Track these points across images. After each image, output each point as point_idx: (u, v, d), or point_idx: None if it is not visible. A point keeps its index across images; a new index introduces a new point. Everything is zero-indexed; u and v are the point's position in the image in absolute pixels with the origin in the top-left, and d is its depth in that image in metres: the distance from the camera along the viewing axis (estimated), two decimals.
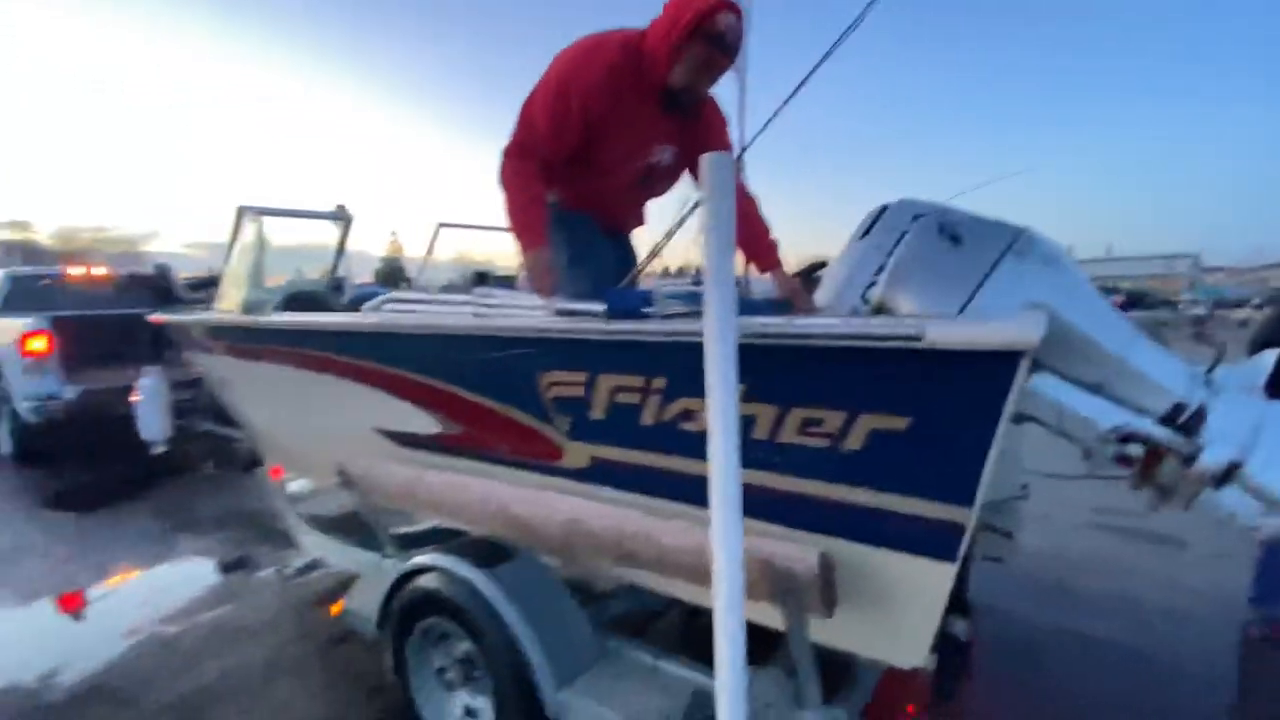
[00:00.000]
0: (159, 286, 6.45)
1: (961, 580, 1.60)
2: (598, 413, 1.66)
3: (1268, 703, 2.33)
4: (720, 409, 1.15)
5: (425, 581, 1.87)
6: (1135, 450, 1.44)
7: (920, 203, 2.08)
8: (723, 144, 2.15)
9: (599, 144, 2.01)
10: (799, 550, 1.32)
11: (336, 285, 3.77)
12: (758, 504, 1.37)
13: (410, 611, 1.92)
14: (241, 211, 3.06)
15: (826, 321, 1.34)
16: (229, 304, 2.96)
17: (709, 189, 1.18)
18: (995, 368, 1.10)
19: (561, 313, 1.71)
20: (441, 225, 4.02)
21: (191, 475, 5.41)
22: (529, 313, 1.78)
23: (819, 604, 1.32)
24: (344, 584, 3.18)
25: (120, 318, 6.62)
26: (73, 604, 3.18)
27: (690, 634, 1.92)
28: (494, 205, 2.07)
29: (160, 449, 3.83)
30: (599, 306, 1.61)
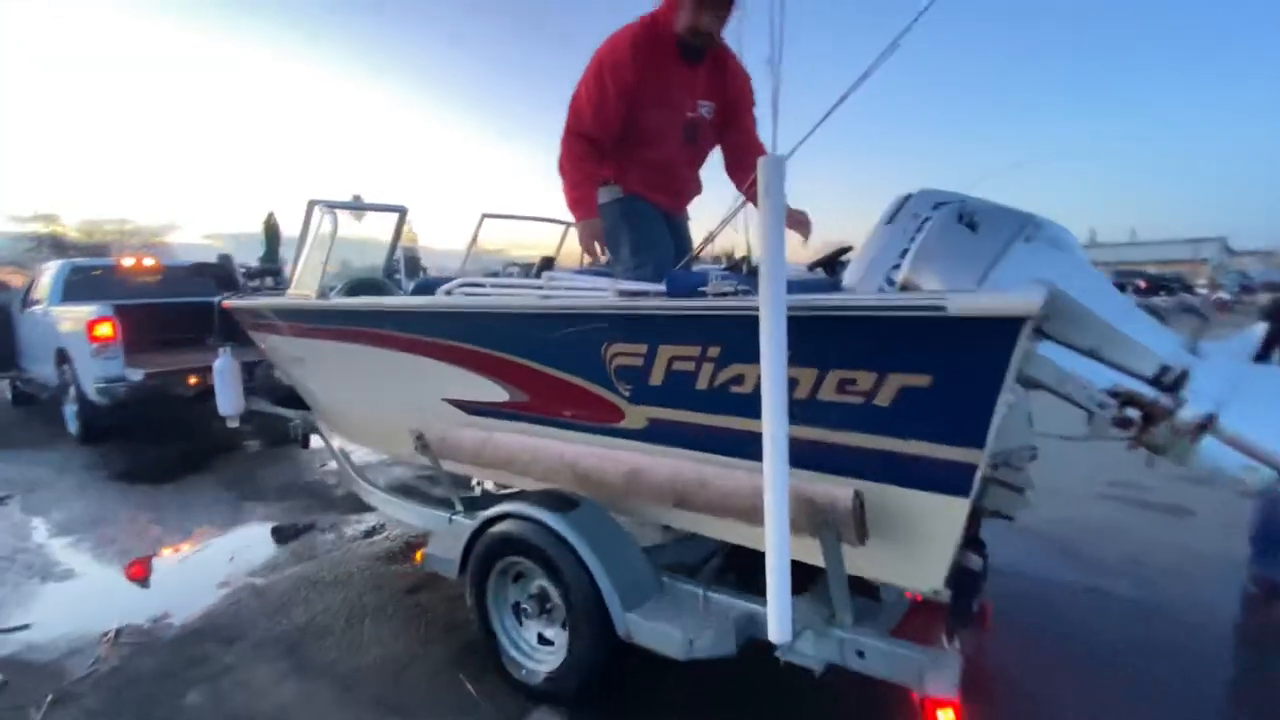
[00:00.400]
0: (223, 275, 6.81)
1: (974, 520, 1.83)
2: (656, 379, 1.93)
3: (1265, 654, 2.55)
4: (772, 372, 1.40)
5: (504, 527, 2.15)
6: (1133, 413, 1.66)
7: (941, 192, 2.31)
8: (747, 95, 2.47)
9: (642, 113, 2.31)
10: (837, 489, 1.57)
11: (391, 273, 4.06)
12: (800, 453, 1.63)
13: (490, 554, 2.21)
14: (311, 205, 3.34)
15: (865, 297, 1.59)
16: (304, 289, 3.25)
17: (763, 186, 1.42)
18: (1003, 331, 1.34)
19: (624, 293, 1.97)
20: (485, 215, 4.27)
21: (245, 452, 5.79)
22: (595, 294, 2.05)
23: (853, 535, 1.58)
24: (405, 544, 3.52)
25: (175, 305, 7.02)
26: (168, 560, 3.53)
27: (730, 573, 2.16)
28: (507, 195, 2.40)
29: (235, 423, 4.17)
30: (660, 287, 1.86)
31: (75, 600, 3.13)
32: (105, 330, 5.79)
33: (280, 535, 3.73)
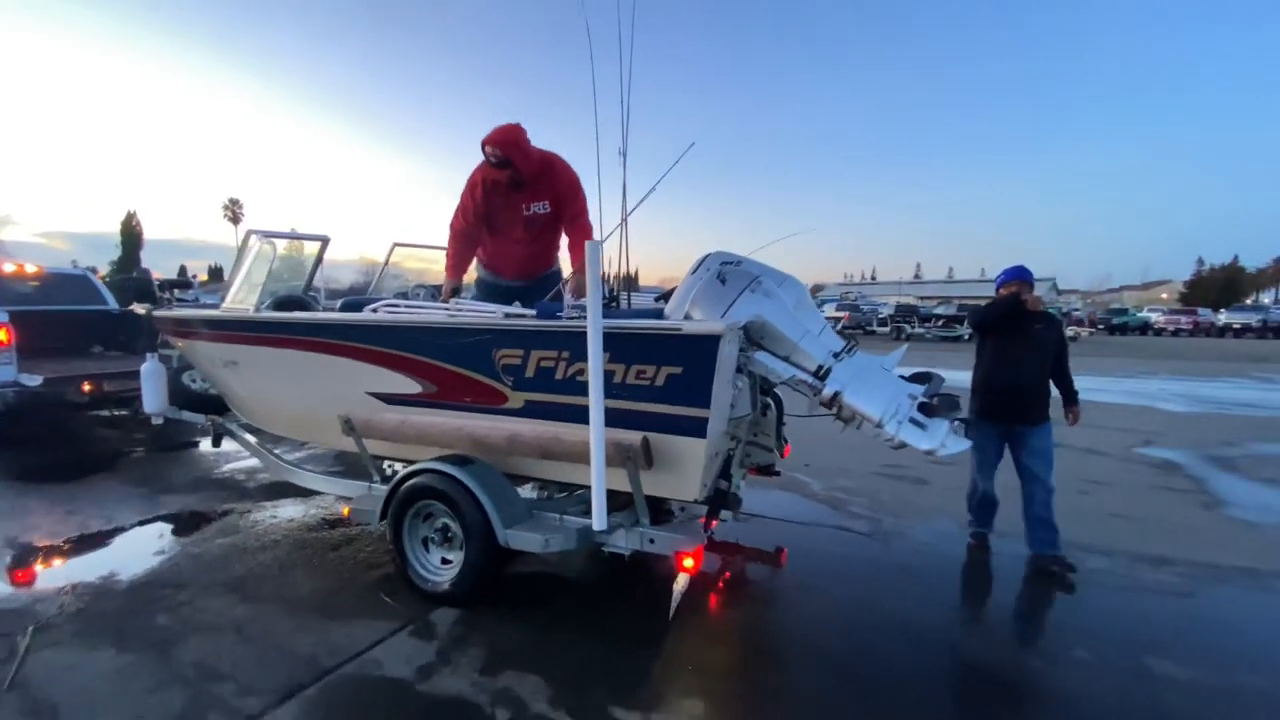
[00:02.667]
0: (142, 287, 7.00)
1: (727, 461, 2.95)
2: (530, 373, 2.91)
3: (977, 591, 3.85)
4: (594, 367, 2.42)
5: (420, 480, 3.03)
6: (828, 394, 2.82)
7: (727, 253, 3.48)
8: (568, 197, 3.70)
9: (492, 217, 3.70)
10: (633, 436, 2.62)
11: (309, 290, 4.73)
12: (616, 417, 2.67)
13: (407, 500, 3.07)
14: (249, 234, 4.04)
15: (647, 322, 2.67)
16: (243, 303, 3.93)
17: (588, 265, 2.45)
18: (708, 342, 2.46)
19: (509, 315, 2.95)
20: (396, 244, 5.06)
21: (141, 455, 6.07)
22: (490, 315, 3.01)
23: (644, 463, 2.63)
24: (322, 521, 4.19)
25: (63, 313, 7.08)
26: (97, 539, 3.98)
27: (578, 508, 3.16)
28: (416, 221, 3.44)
29: (159, 420, 4.62)
30: (532, 312, 2.87)
31: (19, 570, 3.56)
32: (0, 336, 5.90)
33: (201, 517, 4.28)
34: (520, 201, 3.67)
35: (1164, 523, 4.41)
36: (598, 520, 2.51)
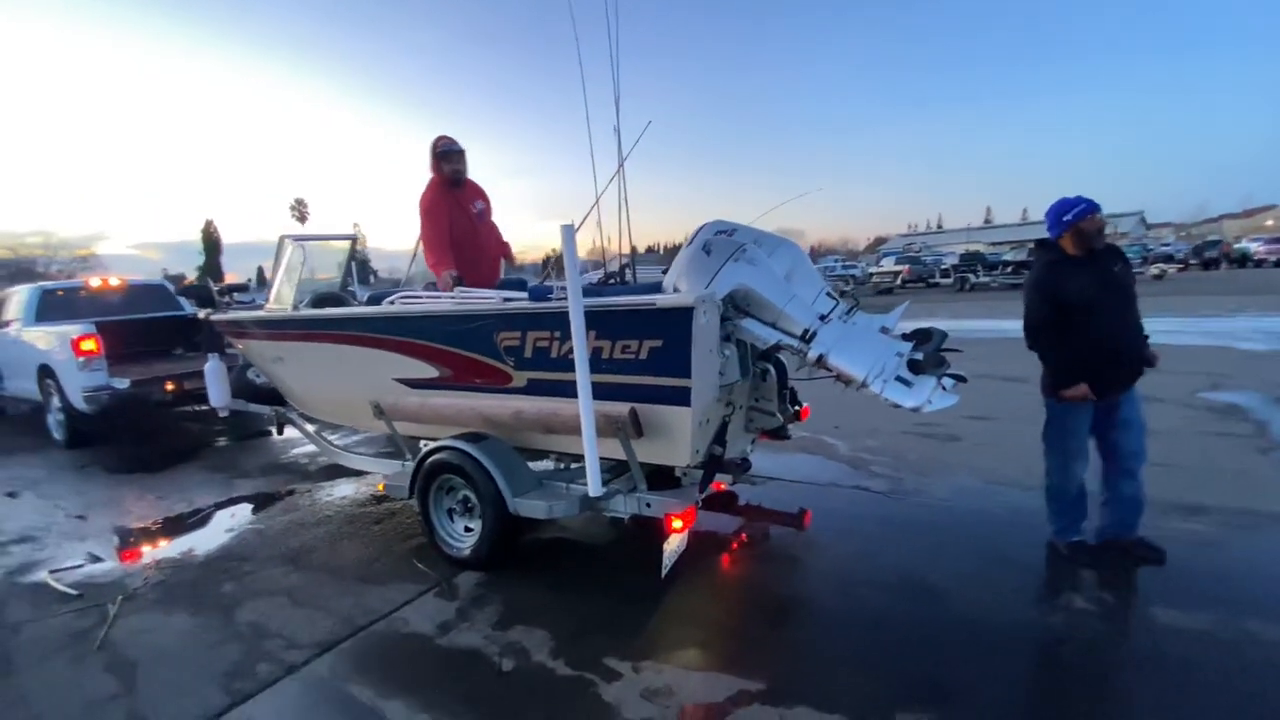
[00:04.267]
0: (204, 294, 7.64)
1: (722, 428, 3.05)
2: (529, 354, 3.08)
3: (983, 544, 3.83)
4: (578, 344, 2.57)
5: (440, 456, 3.29)
6: (813, 356, 2.87)
7: (723, 222, 3.52)
8: (485, 197, 4.27)
9: (455, 227, 4.00)
10: (621, 408, 2.76)
11: (346, 286, 5.09)
12: (605, 390, 2.81)
13: (430, 475, 3.35)
14: (283, 239, 4.37)
15: (626, 299, 2.78)
16: (282, 304, 4.28)
17: (564, 246, 2.58)
18: (683, 314, 2.55)
19: (507, 300, 3.13)
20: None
21: (220, 446, 6.70)
22: (490, 301, 3.19)
23: (634, 432, 2.77)
24: (371, 497, 4.57)
25: (145, 320, 7.82)
26: (179, 520, 4.51)
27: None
28: None
29: (225, 413, 5.13)
30: (524, 295, 3.03)
31: (113, 549, 4.10)
32: (90, 345, 6.61)
33: (268, 498, 4.75)
34: (465, 200, 4.06)
35: (1211, 470, 4.20)
36: (593, 487, 2.69)
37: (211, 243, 67.48)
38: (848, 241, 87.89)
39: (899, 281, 28.74)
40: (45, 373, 7.00)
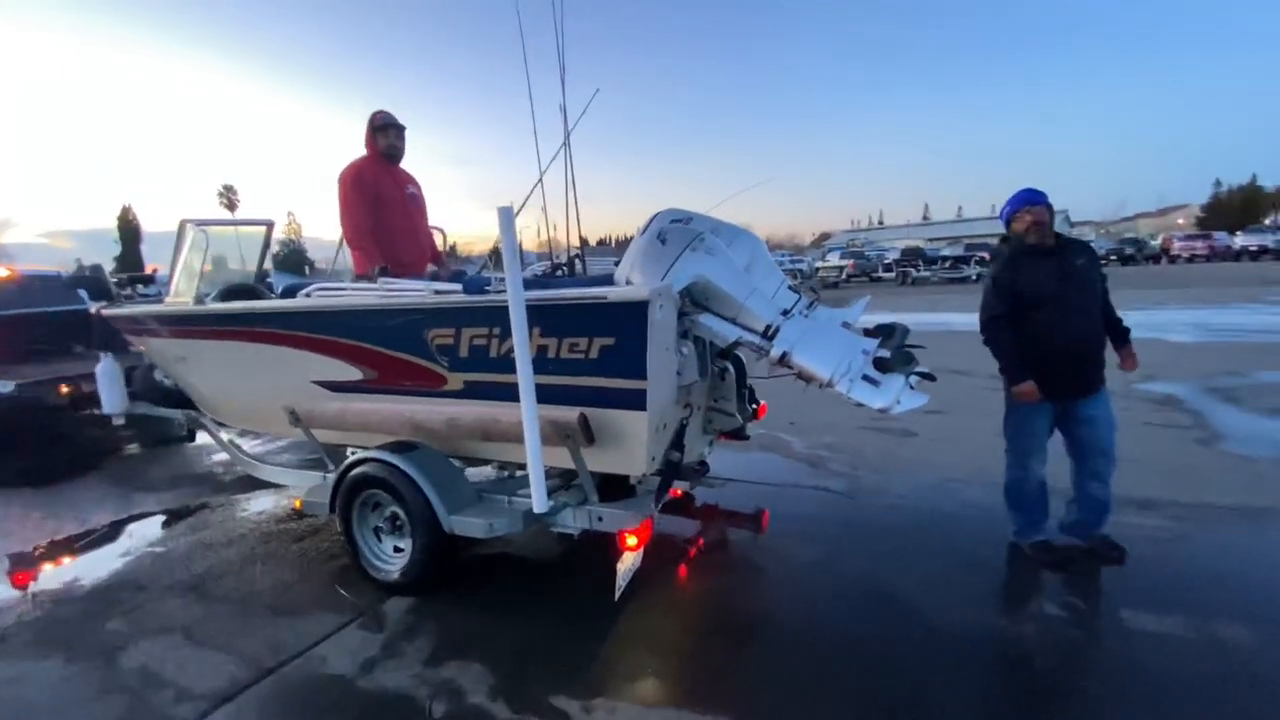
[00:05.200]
0: (97, 285, 6.89)
1: (680, 433, 2.80)
2: (464, 353, 2.76)
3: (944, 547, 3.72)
4: (519, 341, 2.27)
5: (363, 469, 2.92)
6: (776, 354, 2.66)
7: (677, 210, 3.28)
8: (419, 186, 3.89)
9: (383, 199, 3.58)
10: (570, 414, 2.48)
11: (263, 278, 4.59)
12: (551, 394, 2.53)
13: (353, 490, 2.98)
14: (184, 224, 3.87)
15: (571, 291, 2.49)
16: (182, 297, 3.79)
17: (502, 231, 2.27)
18: (638, 308, 2.29)
19: (439, 292, 2.79)
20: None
21: (128, 453, 6.05)
22: (419, 294, 2.85)
23: (583, 440, 2.50)
24: (290, 511, 4.15)
25: (39, 315, 7.00)
26: (68, 543, 3.96)
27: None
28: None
29: (120, 420, 4.56)
30: (459, 288, 2.70)
31: None
32: None
33: (174, 515, 4.25)
34: (400, 180, 3.71)
35: (1158, 463, 4.24)
36: (537, 501, 2.39)
37: (130, 230, 62.87)
38: (794, 236, 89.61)
39: (844, 276, 29.31)
40: None
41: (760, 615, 2.75)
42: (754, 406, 3.56)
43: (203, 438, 4.75)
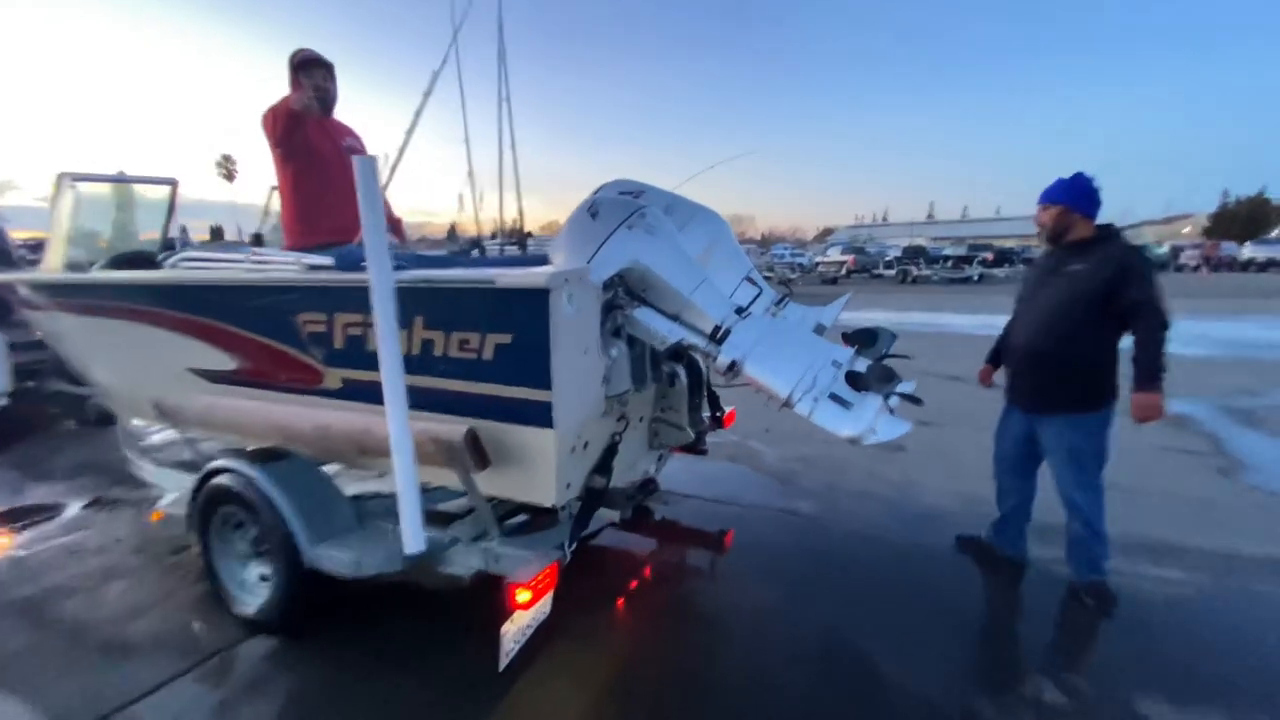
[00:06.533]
0: None
1: (609, 453, 2.27)
2: (339, 344, 2.22)
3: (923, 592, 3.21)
4: (383, 332, 1.73)
5: (219, 480, 2.39)
6: (723, 362, 2.12)
7: (630, 181, 2.73)
8: (359, 139, 3.16)
9: (311, 151, 2.90)
10: (456, 429, 1.95)
11: (169, 245, 4.03)
12: (438, 401, 2.00)
13: (209, 504, 2.45)
14: (60, 178, 3.30)
15: (456, 273, 1.94)
16: (55, 264, 3.24)
17: (361, 184, 1.72)
18: (537, 297, 1.75)
19: (312, 267, 2.24)
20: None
21: (47, 432, 5.51)
22: (288, 267, 2.30)
23: (473, 463, 1.97)
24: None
25: None
26: None
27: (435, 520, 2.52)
28: None
29: (3, 402, 4.03)
30: (329, 261, 2.15)
31: None
32: None
33: (56, 510, 3.72)
34: (335, 131, 3.02)
35: (1174, 497, 3.73)
36: (409, 540, 1.86)
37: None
38: (797, 230, 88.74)
39: (844, 271, 28.67)
40: None
41: (697, 679, 2.23)
42: (718, 414, 3.04)
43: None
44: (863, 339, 2.30)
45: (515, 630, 1.93)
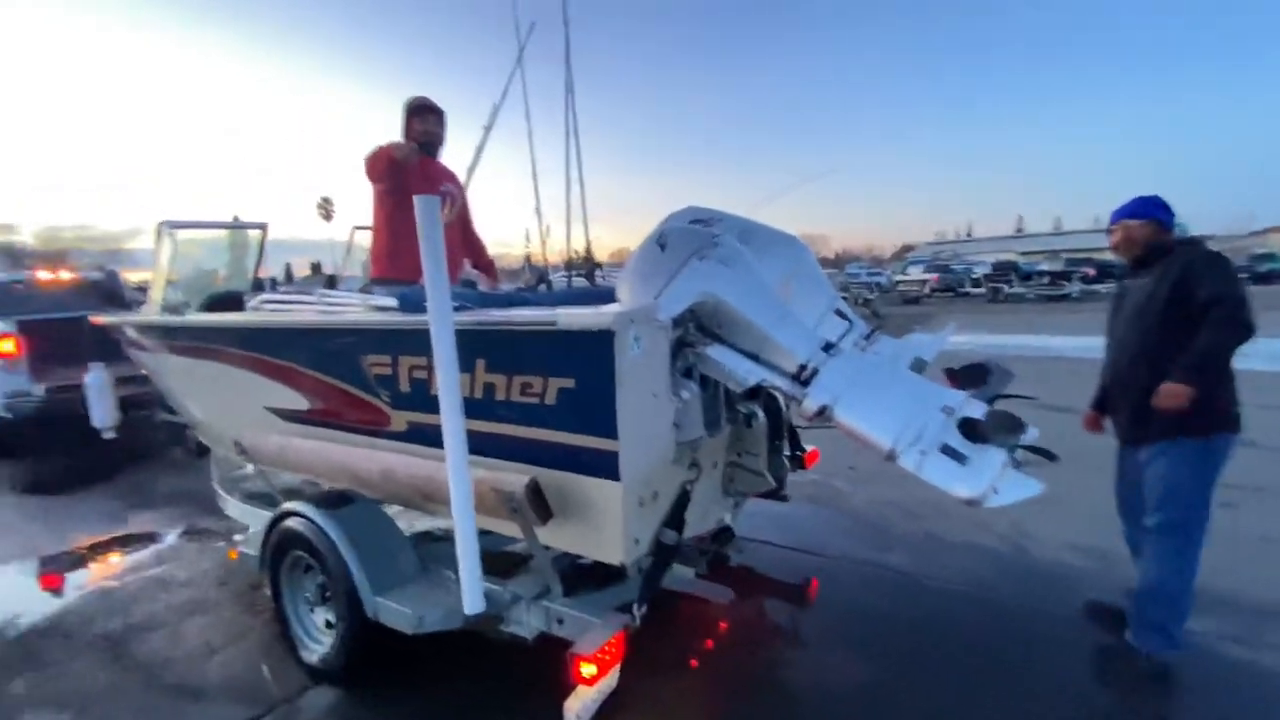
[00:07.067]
0: (107, 289, 6.91)
1: (680, 504, 2.07)
2: (404, 387, 2.15)
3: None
4: (444, 377, 1.62)
5: (289, 523, 2.37)
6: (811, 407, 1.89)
7: (702, 209, 2.58)
8: (459, 184, 3.30)
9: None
10: (516, 479, 1.81)
11: (259, 286, 4.22)
12: (500, 448, 1.88)
13: (280, 548, 2.43)
14: (160, 226, 3.51)
15: (517, 314, 1.82)
16: (154, 306, 3.42)
17: (422, 226, 1.64)
18: (600, 340, 1.59)
19: (374, 308, 2.20)
20: (356, 228, 4.43)
21: (153, 461, 5.89)
22: (353, 307, 2.27)
23: (535, 516, 1.82)
24: None
25: (80, 319, 7.07)
26: (34, 566, 3.68)
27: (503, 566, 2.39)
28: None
29: (110, 434, 4.31)
30: (393, 302, 2.10)
31: None
32: (7, 346, 5.86)
33: (149, 540, 3.90)
34: (434, 174, 3.05)
35: (1234, 536, 3.13)
36: (468, 600, 1.73)
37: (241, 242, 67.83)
38: (873, 249, 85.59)
39: (927, 290, 27.24)
40: None
41: None
42: (799, 454, 2.78)
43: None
44: (972, 377, 2.00)
45: (580, 706, 1.74)
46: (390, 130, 3.10)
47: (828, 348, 1.94)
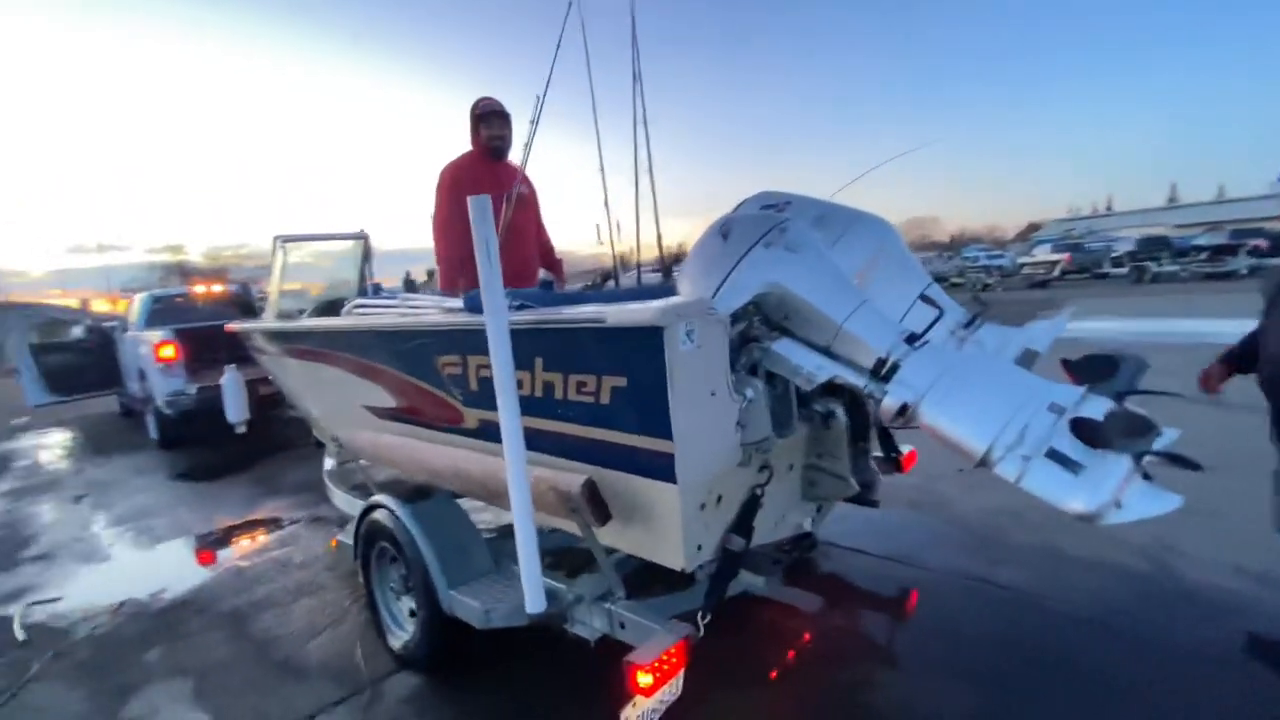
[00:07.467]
0: (243, 301, 7.72)
1: (749, 509, 1.95)
2: (474, 385, 2.18)
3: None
4: (500, 376, 1.61)
5: (375, 515, 2.49)
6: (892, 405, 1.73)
7: (775, 193, 2.44)
8: (529, 183, 3.24)
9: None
10: (574, 478, 1.77)
11: (363, 292, 4.52)
12: (559, 446, 1.86)
13: (369, 538, 2.56)
14: (275, 240, 3.84)
15: (569, 311, 1.77)
16: (270, 314, 3.75)
17: (476, 226, 1.63)
18: (649, 337, 1.51)
19: (445, 310, 2.25)
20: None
21: (284, 453, 6.52)
22: (426, 310, 2.34)
23: (592, 516, 1.77)
24: None
25: (221, 327, 7.98)
26: (184, 546, 4.17)
27: (577, 563, 2.37)
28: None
29: (242, 429, 4.81)
30: (459, 303, 2.13)
31: (103, 579, 3.78)
32: (168, 351, 6.73)
33: (276, 525, 4.30)
34: (502, 178, 3.03)
35: None
36: (530, 599, 1.71)
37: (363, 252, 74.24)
38: (994, 229, 78.65)
39: (1058, 272, 24.36)
40: (141, 375, 7.29)
41: None
42: (894, 455, 2.56)
43: None
44: (1095, 369, 1.72)
45: (636, 715, 1.67)
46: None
47: (912, 340, 1.74)
